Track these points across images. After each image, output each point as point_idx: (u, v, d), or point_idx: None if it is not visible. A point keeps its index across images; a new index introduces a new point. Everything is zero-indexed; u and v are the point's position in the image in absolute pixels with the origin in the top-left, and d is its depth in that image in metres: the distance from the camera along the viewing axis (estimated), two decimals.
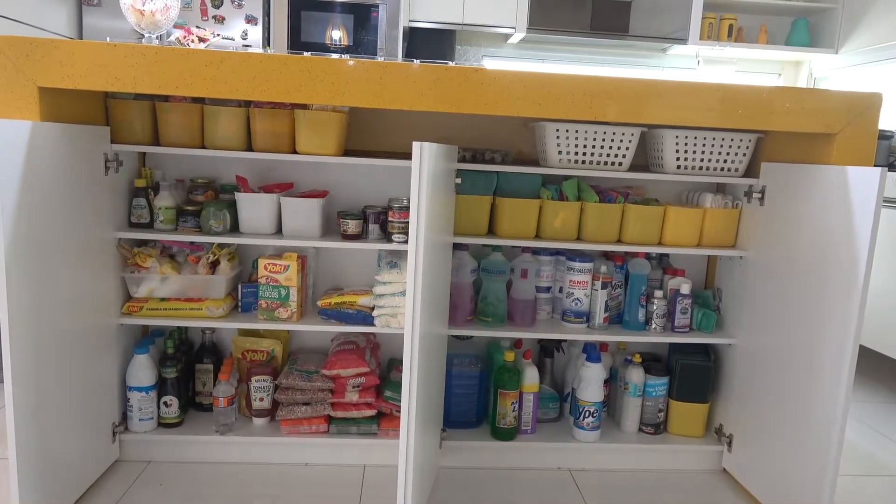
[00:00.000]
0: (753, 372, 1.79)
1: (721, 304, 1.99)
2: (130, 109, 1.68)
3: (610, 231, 1.85)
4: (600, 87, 1.52)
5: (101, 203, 1.63)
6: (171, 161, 1.91)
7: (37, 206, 1.36)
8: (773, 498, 1.68)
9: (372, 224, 1.79)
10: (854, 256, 1.43)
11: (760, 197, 1.79)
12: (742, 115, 1.56)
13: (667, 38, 3.97)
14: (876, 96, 1.57)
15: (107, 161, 1.65)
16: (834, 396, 1.47)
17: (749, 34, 4.19)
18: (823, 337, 1.51)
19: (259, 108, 1.69)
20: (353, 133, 1.95)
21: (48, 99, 1.43)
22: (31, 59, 1.38)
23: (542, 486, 1.81)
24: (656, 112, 1.55)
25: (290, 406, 1.81)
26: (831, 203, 1.51)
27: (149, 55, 1.41)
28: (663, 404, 1.95)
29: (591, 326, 1.90)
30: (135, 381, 1.75)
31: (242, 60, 1.43)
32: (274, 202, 1.77)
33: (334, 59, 1.46)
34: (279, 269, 1.75)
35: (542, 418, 1.99)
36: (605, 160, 1.81)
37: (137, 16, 1.70)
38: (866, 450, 2.18)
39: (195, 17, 3.51)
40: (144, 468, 1.78)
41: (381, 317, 1.78)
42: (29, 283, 1.34)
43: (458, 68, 1.49)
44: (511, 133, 2.00)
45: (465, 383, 1.91)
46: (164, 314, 1.75)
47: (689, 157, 1.81)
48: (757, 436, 1.76)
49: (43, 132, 1.36)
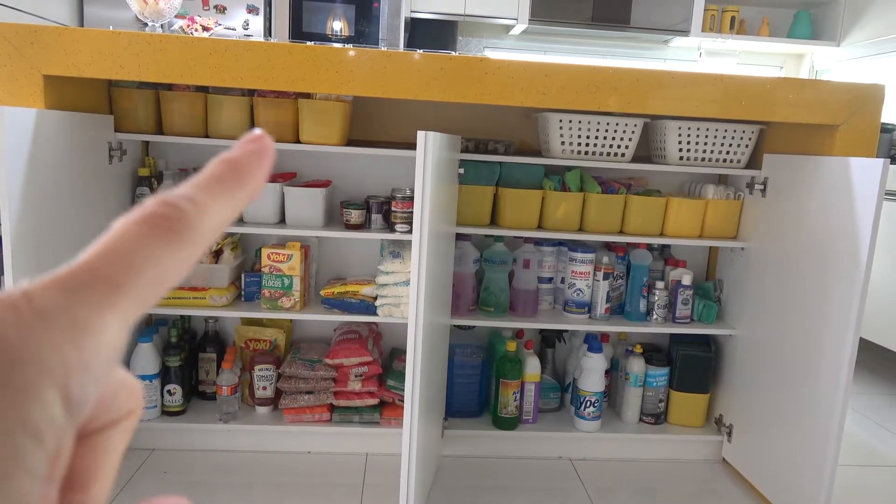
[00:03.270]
0: (754, 363, 1.79)
1: (722, 295, 2.00)
2: (134, 98, 1.68)
3: (612, 222, 1.85)
4: (603, 78, 1.52)
5: (104, 192, 1.63)
6: (175, 150, 1.91)
7: (41, 194, 1.36)
8: (772, 488, 1.69)
9: (375, 214, 1.79)
10: (855, 248, 1.44)
11: (762, 188, 1.80)
12: (745, 106, 1.57)
13: (669, 29, 3.96)
14: (878, 88, 1.57)
15: (110, 150, 1.65)
16: (834, 388, 1.48)
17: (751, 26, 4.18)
18: (824, 328, 1.52)
19: (263, 97, 1.69)
20: (357, 123, 1.96)
21: (52, 87, 1.43)
22: (36, 46, 1.38)
23: (543, 475, 1.82)
24: (659, 103, 1.55)
25: (292, 395, 1.82)
26: (833, 195, 1.52)
27: (153, 43, 1.41)
28: (664, 394, 1.96)
29: (593, 317, 1.91)
30: (138, 369, 1.76)
31: (246, 49, 1.43)
32: (277, 192, 1.77)
33: (338, 48, 1.46)
34: (282, 258, 1.75)
35: (543, 408, 2.00)
36: (608, 151, 1.81)
37: (141, 4, 1.70)
38: (866, 441, 2.19)
39: (196, 6, 3.50)
40: (148, 456, 1.79)
41: (383, 306, 1.79)
42: (33, 271, 1.34)
43: (461, 58, 1.49)
44: (514, 123, 2.00)
45: (466, 373, 1.92)
46: (167, 303, 1.76)
47: (691, 148, 1.81)
48: (757, 426, 1.77)
49: (47, 120, 1.37)
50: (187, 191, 0.19)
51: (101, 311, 0.17)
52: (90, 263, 0.17)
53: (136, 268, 0.18)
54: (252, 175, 0.20)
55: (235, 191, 0.20)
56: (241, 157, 0.20)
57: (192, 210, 0.19)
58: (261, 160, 0.21)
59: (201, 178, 0.20)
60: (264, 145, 0.21)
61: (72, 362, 0.16)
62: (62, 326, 0.16)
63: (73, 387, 0.16)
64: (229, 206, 0.20)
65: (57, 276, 0.17)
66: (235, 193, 0.20)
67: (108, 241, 0.18)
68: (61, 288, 0.17)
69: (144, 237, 0.18)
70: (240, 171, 0.20)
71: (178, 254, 0.18)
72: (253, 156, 0.21)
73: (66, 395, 0.16)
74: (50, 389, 0.16)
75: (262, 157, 0.21)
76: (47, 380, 0.16)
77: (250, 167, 0.20)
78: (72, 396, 0.16)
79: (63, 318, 0.16)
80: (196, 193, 0.19)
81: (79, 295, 0.17)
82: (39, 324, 0.16)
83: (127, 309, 0.17)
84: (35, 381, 0.15)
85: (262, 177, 0.21)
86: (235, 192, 0.20)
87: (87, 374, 0.17)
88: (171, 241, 0.18)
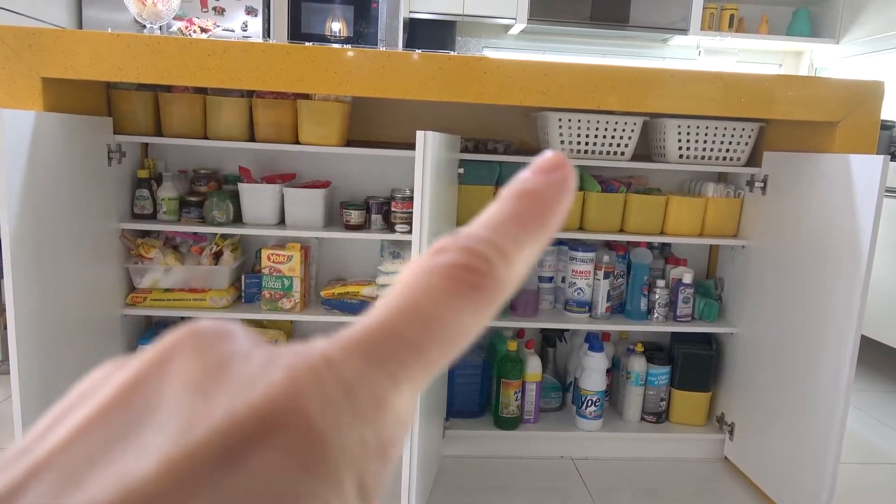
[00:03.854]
0: (755, 361, 1.79)
1: (723, 293, 2.00)
2: (133, 100, 1.68)
3: (612, 221, 1.85)
4: (603, 77, 1.52)
5: (104, 194, 1.63)
6: (174, 152, 1.91)
7: (40, 197, 1.36)
8: (774, 486, 1.69)
9: (375, 214, 1.79)
10: (856, 245, 1.43)
11: (762, 186, 1.79)
12: (744, 103, 1.56)
13: (667, 28, 3.96)
14: (878, 85, 1.57)
15: (109, 152, 1.65)
16: (835, 385, 1.48)
17: (750, 24, 4.18)
18: (825, 326, 1.51)
19: (261, 98, 1.69)
20: (356, 123, 1.95)
21: (51, 89, 1.43)
22: (34, 49, 1.38)
23: (544, 475, 1.82)
24: (659, 101, 1.55)
25: None
26: (833, 192, 1.52)
27: (151, 45, 1.41)
28: (665, 393, 1.96)
29: (594, 316, 1.91)
30: None
31: (245, 50, 1.43)
32: (277, 193, 1.77)
33: (337, 48, 1.46)
34: (282, 259, 1.75)
35: (544, 407, 2.00)
36: (608, 150, 1.81)
37: (139, 6, 1.70)
38: (868, 439, 2.19)
39: (195, 8, 3.50)
40: None
41: None
42: (33, 274, 1.34)
43: (460, 57, 1.49)
44: (513, 123, 2.00)
45: (467, 373, 1.92)
46: (167, 305, 1.76)
47: (691, 147, 1.81)
48: (758, 425, 1.77)
49: (46, 122, 1.37)
50: (492, 236, 0.17)
51: (400, 383, 0.15)
52: (392, 323, 0.15)
53: (441, 332, 0.16)
54: (557, 212, 0.18)
55: (541, 232, 0.18)
56: (544, 190, 0.18)
57: (501, 264, 0.17)
58: (564, 192, 0.18)
59: (503, 217, 0.17)
60: (567, 174, 0.18)
61: (370, 447, 0.14)
62: (364, 403, 0.14)
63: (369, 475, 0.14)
64: (534, 250, 0.18)
65: (357, 337, 0.15)
66: (541, 236, 0.18)
67: (410, 295, 0.16)
68: (363, 354, 0.15)
69: (451, 295, 0.16)
70: (544, 208, 0.18)
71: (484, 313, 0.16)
72: (556, 188, 0.18)
73: (360, 483, 0.14)
74: (349, 479, 0.14)
75: (565, 189, 0.18)
76: (348, 468, 0.14)
77: (554, 202, 0.18)
78: (366, 486, 0.14)
79: (365, 393, 0.14)
80: (502, 241, 0.17)
81: (381, 364, 0.15)
82: (344, 400, 0.14)
83: (423, 377, 0.15)
84: (337, 470, 0.13)
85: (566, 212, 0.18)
86: (541, 235, 0.18)
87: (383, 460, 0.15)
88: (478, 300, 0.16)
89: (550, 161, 0.18)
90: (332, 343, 0.15)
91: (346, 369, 0.14)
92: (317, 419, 0.13)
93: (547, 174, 0.18)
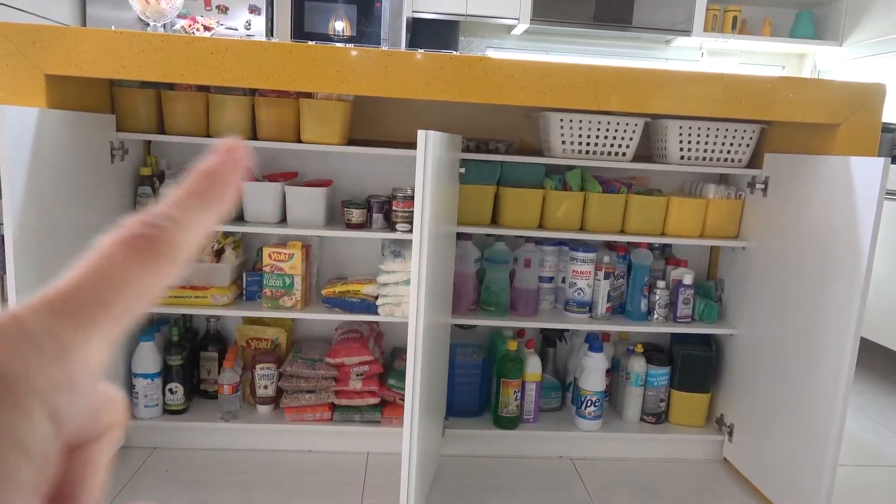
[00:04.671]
0: (755, 362, 1.79)
1: (723, 294, 2.00)
2: (136, 98, 1.69)
3: (613, 221, 1.85)
4: (604, 77, 1.52)
5: (106, 191, 1.64)
6: (177, 149, 1.92)
7: (43, 194, 1.36)
8: (773, 487, 1.69)
9: (376, 213, 1.79)
10: (856, 247, 1.44)
11: (763, 187, 1.80)
12: (745, 105, 1.57)
13: (670, 29, 3.96)
14: (879, 87, 1.57)
15: (112, 149, 1.65)
16: (835, 387, 1.48)
17: (753, 26, 4.18)
18: (825, 328, 1.52)
19: (264, 97, 1.70)
20: (358, 122, 1.96)
21: (54, 86, 1.44)
22: (38, 46, 1.39)
23: (543, 475, 1.82)
24: (660, 102, 1.55)
25: (294, 394, 1.82)
26: (834, 194, 1.52)
27: (154, 43, 1.41)
28: (665, 394, 1.96)
29: (594, 316, 1.91)
30: (140, 368, 1.77)
31: (247, 48, 1.44)
32: (278, 191, 1.78)
33: (339, 47, 1.46)
34: (284, 257, 1.76)
35: (544, 407, 2.00)
36: (609, 150, 1.81)
37: (143, 4, 1.70)
38: (867, 440, 2.19)
39: (198, 6, 3.51)
40: (150, 454, 1.79)
41: (384, 305, 1.79)
42: (35, 270, 1.35)
43: (462, 57, 1.50)
44: (515, 123, 2.01)
45: (467, 372, 1.92)
46: (168, 302, 1.76)
47: (692, 148, 1.81)
48: (758, 426, 1.77)
49: (49, 119, 1.37)
50: (167, 209, 0.20)
51: (86, 332, 0.18)
52: (77, 284, 0.18)
53: (120, 289, 0.19)
54: (228, 186, 0.21)
55: (213, 203, 0.21)
56: (217, 168, 0.21)
57: (174, 229, 0.20)
58: (234, 168, 0.22)
59: (180, 193, 0.21)
60: (237, 154, 0.22)
61: (59, 381, 0.17)
62: (50, 348, 0.17)
63: (60, 404, 0.17)
64: (208, 219, 0.21)
65: (45, 298, 0.18)
66: (213, 206, 0.21)
67: (93, 262, 0.19)
68: (49, 310, 0.18)
69: (128, 258, 0.19)
70: (217, 183, 0.21)
71: (161, 272, 0.19)
72: (228, 166, 0.21)
73: (53, 411, 0.17)
74: (38, 407, 0.17)
75: (237, 167, 0.22)
76: (36, 398, 0.17)
77: (226, 178, 0.21)
78: (59, 413, 0.17)
79: (51, 340, 0.17)
80: (176, 211, 0.20)
81: (66, 317, 0.18)
82: (29, 346, 0.17)
83: (111, 327, 0.18)
84: (24, 400, 0.16)
85: (237, 186, 0.22)
86: (213, 206, 0.21)
87: (74, 392, 0.18)
88: (153, 262, 0.19)
89: (225, 144, 0.22)
90: (24, 305, 0.17)
91: (31, 323, 0.17)
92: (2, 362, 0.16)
93: (220, 156, 0.22)
